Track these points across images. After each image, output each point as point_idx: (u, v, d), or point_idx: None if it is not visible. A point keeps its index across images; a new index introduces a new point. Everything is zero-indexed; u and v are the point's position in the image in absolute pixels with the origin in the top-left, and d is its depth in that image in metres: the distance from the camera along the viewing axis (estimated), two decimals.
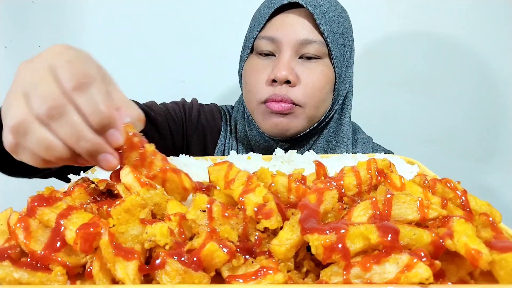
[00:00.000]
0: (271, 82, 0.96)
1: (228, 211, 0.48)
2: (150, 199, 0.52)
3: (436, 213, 0.46)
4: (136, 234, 0.45)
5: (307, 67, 0.97)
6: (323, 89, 0.98)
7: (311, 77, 0.96)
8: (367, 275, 0.39)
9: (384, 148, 1.16)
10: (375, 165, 0.58)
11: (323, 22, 0.94)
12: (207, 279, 0.40)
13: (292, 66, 0.96)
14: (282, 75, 0.93)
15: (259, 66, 1.00)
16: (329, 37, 0.95)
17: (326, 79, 0.98)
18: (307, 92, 0.96)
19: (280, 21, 0.98)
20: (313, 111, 0.99)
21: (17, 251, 0.44)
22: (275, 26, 0.98)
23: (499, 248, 0.40)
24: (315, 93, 0.97)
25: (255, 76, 1.00)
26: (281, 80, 0.94)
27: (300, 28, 0.95)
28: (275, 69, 0.95)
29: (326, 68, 0.98)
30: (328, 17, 0.96)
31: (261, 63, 1.00)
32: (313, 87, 0.97)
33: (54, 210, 0.46)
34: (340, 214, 0.49)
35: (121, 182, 0.56)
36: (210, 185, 0.56)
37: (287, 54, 0.95)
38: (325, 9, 0.96)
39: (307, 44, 0.95)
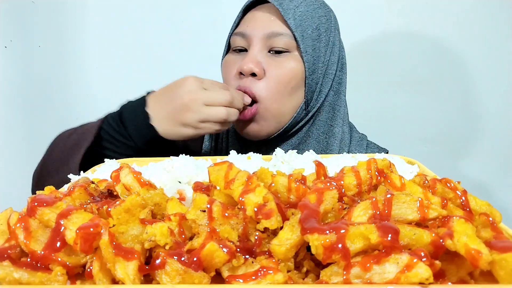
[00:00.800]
0: (239, 74, 1.00)
1: (228, 211, 0.48)
2: (150, 199, 0.52)
3: (436, 213, 0.46)
4: (136, 234, 0.45)
5: (275, 60, 0.99)
6: (288, 83, 0.99)
7: (276, 70, 0.98)
8: (367, 275, 0.39)
9: (378, 145, 1.16)
10: (375, 165, 0.58)
11: (290, 16, 0.97)
12: (207, 279, 0.40)
13: (258, 59, 0.98)
14: (248, 68, 0.97)
15: (231, 61, 1.04)
16: (297, 30, 0.97)
17: (293, 73, 0.99)
18: (271, 86, 0.98)
19: (251, 17, 1.03)
20: (276, 105, 1.00)
21: (17, 251, 0.44)
22: (246, 22, 1.03)
23: (499, 248, 0.40)
24: (279, 87, 0.98)
25: (227, 70, 1.04)
26: (247, 72, 0.97)
27: (268, 22, 0.99)
28: (242, 62, 0.98)
29: (294, 62, 0.99)
30: (299, 11, 0.98)
31: (233, 58, 1.04)
32: (278, 81, 0.98)
33: (54, 210, 0.46)
34: (340, 214, 0.49)
35: (121, 182, 0.56)
36: (210, 185, 0.56)
37: (256, 48, 0.99)
38: (296, 4, 0.99)
39: (274, 37, 0.98)
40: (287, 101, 1.01)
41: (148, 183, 0.56)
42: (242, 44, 1.02)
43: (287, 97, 1.00)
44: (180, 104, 0.88)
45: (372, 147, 1.16)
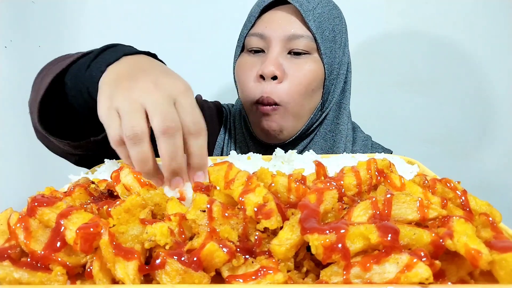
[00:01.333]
0: (259, 78, 0.97)
1: (228, 211, 0.48)
2: (150, 199, 0.52)
3: (436, 213, 0.46)
4: (136, 234, 0.45)
5: (295, 62, 0.98)
6: (309, 85, 0.98)
7: (298, 72, 0.97)
8: (367, 275, 0.39)
9: (383, 146, 1.17)
10: (375, 165, 0.58)
11: (310, 18, 0.95)
12: (207, 279, 0.40)
13: (279, 61, 0.96)
14: (269, 71, 0.94)
15: (248, 63, 1.01)
16: (318, 32, 0.96)
17: (314, 75, 0.98)
18: (292, 88, 0.97)
19: (269, 18, 0.99)
20: (297, 108, 0.99)
21: (17, 251, 0.44)
22: (264, 22, 1.00)
23: (499, 248, 0.40)
24: (301, 89, 0.97)
25: (245, 73, 1.01)
26: (268, 75, 0.95)
27: (288, 23, 0.97)
28: (263, 64, 0.96)
29: (314, 64, 0.98)
30: (317, 13, 0.97)
31: (250, 60, 1.01)
32: (300, 83, 0.97)
33: (54, 210, 0.46)
34: (340, 214, 0.49)
35: (121, 183, 0.56)
36: (210, 185, 0.56)
37: (276, 50, 0.97)
38: (314, 5, 0.97)
39: (295, 39, 0.96)
40: (307, 103, 1.00)
41: (148, 183, 0.56)
42: (260, 45, 0.99)
43: (308, 99, 1.00)
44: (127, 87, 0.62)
45: (376, 147, 1.16)
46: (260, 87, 0.97)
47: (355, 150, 1.12)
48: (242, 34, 1.04)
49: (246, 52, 1.03)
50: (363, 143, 1.14)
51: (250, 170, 0.61)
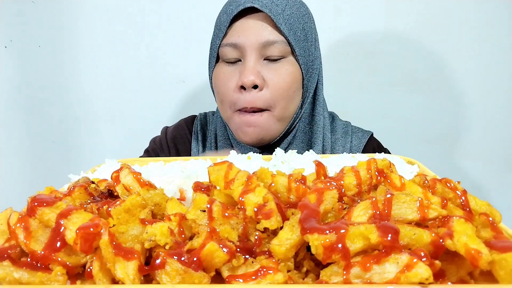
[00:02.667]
0: (240, 88, 0.97)
1: (228, 211, 0.48)
2: (150, 199, 0.52)
3: (436, 213, 0.46)
4: (136, 234, 0.45)
5: (273, 68, 0.98)
6: (290, 88, 0.99)
7: (277, 78, 0.97)
8: (367, 275, 0.39)
9: (362, 129, 1.17)
10: (375, 165, 0.58)
11: (281, 22, 0.95)
12: (207, 279, 0.40)
13: (257, 69, 0.96)
14: (249, 80, 0.94)
15: (226, 74, 1.01)
16: (290, 35, 0.96)
17: (293, 77, 0.99)
18: (274, 94, 0.97)
19: (240, 27, 0.98)
20: (282, 111, 1.00)
21: (17, 251, 0.44)
22: (236, 32, 0.98)
23: (499, 248, 0.40)
24: (283, 93, 0.98)
25: (224, 84, 1.01)
26: (249, 85, 0.95)
27: (261, 30, 0.96)
28: (242, 75, 0.96)
29: (291, 67, 0.98)
30: (286, 15, 0.96)
31: (228, 70, 1.00)
32: (280, 88, 0.97)
33: (54, 210, 0.46)
34: (340, 214, 0.49)
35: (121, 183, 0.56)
36: (210, 185, 0.56)
37: (252, 58, 0.96)
38: (282, 8, 0.96)
39: (269, 46, 0.96)
40: (290, 105, 1.01)
41: (148, 183, 0.56)
42: (235, 55, 0.99)
43: (290, 100, 1.00)
44: None
45: (356, 131, 1.16)
46: (241, 97, 0.97)
47: (336, 138, 1.12)
48: (215, 44, 1.03)
49: (222, 62, 1.03)
50: (343, 130, 1.14)
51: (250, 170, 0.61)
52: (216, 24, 1.05)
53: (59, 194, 0.53)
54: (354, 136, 1.14)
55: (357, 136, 1.14)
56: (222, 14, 1.03)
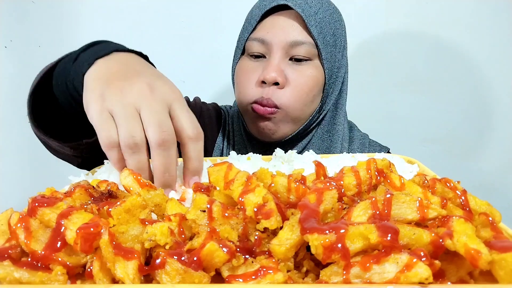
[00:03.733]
0: (261, 83, 0.98)
1: (228, 211, 0.48)
2: (150, 200, 0.52)
3: (435, 213, 0.46)
4: (136, 234, 0.45)
5: (297, 69, 0.98)
6: (310, 91, 0.99)
7: (299, 79, 0.97)
8: (367, 274, 0.39)
9: (380, 144, 1.17)
10: (375, 165, 0.59)
11: (312, 24, 0.95)
12: (207, 278, 0.40)
13: (281, 68, 0.96)
14: (271, 77, 0.94)
15: (249, 68, 1.01)
16: (319, 38, 0.96)
17: (315, 81, 0.99)
18: (294, 94, 0.97)
19: (270, 23, 0.98)
20: (297, 113, 1.00)
21: (18, 251, 0.44)
22: (265, 28, 0.99)
23: (499, 248, 0.40)
24: (302, 95, 0.98)
25: (246, 77, 1.01)
26: (270, 81, 0.95)
27: (290, 29, 0.96)
28: (265, 70, 0.96)
29: (315, 70, 0.99)
30: (319, 18, 0.96)
31: (251, 65, 1.01)
32: (301, 90, 0.97)
33: (54, 210, 0.46)
34: (339, 214, 0.49)
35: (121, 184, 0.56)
36: (210, 185, 0.56)
37: (277, 56, 0.96)
38: (316, 10, 0.96)
39: (296, 46, 0.96)
40: (307, 108, 1.01)
41: (148, 184, 0.56)
42: (261, 51, 0.99)
43: (308, 104, 1.00)
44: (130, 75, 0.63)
45: (374, 145, 1.17)
46: (260, 90, 0.98)
47: (352, 149, 1.12)
48: (243, 37, 1.04)
49: (247, 56, 1.03)
50: (360, 142, 1.14)
51: (250, 170, 0.62)
52: (247, 18, 1.06)
53: (60, 194, 0.53)
54: (371, 149, 1.14)
55: (374, 149, 1.14)
56: (254, 8, 1.03)
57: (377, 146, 1.16)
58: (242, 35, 1.05)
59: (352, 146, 1.13)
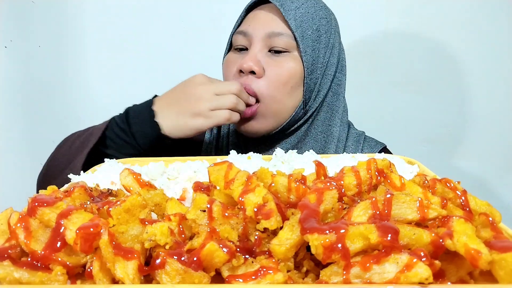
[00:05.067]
0: (238, 72, 1.01)
1: (228, 211, 0.48)
2: (150, 199, 0.52)
3: (436, 213, 0.46)
4: (136, 234, 0.45)
5: (275, 60, 1.00)
6: (287, 82, 1.00)
7: (276, 69, 0.99)
8: (367, 275, 0.39)
9: (376, 140, 1.17)
10: (375, 165, 0.58)
11: (291, 17, 0.98)
12: (207, 279, 0.40)
13: (258, 58, 1.00)
14: (248, 66, 0.98)
15: (232, 60, 1.05)
16: (297, 30, 0.99)
17: (292, 72, 1.00)
18: (270, 85, 0.99)
19: (252, 17, 1.04)
20: (277, 105, 1.01)
21: (18, 251, 0.44)
22: (248, 21, 1.04)
23: (499, 248, 0.40)
24: (279, 86, 1.00)
25: (228, 69, 1.06)
26: (246, 70, 0.99)
27: (269, 21, 1.00)
28: (242, 60, 1.00)
29: (293, 62, 1.01)
30: (300, 12, 0.99)
31: (234, 57, 1.05)
32: (277, 80, 0.99)
33: (54, 210, 0.46)
34: (340, 214, 0.49)
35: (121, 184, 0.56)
36: (210, 185, 0.56)
37: (256, 47, 1.00)
38: (298, 6, 1.00)
39: (275, 37, 0.99)
40: (286, 100, 1.02)
41: (148, 184, 0.56)
42: (244, 43, 1.03)
43: (287, 96, 1.02)
44: (191, 95, 0.92)
45: (369, 141, 1.16)
46: (239, 80, 1.00)
47: (346, 145, 1.12)
48: (231, 33, 1.09)
49: (233, 50, 1.08)
50: (355, 139, 1.15)
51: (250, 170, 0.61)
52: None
53: (60, 194, 0.53)
54: (365, 144, 1.15)
55: (369, 145, 1.15)
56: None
57: (372, 142, 1.16)
58: (232, 31, 1.09)
59: (347, 143, 1.13)
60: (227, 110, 0.93)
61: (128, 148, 0.94)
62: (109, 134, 0.95)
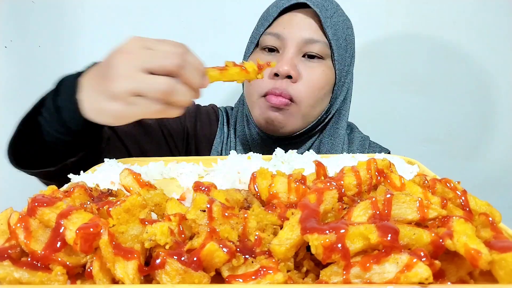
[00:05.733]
0: (273, 76, 0.99)
1: (228, 211, 0.48)
2: (150, 199, 0.52)
3: (435, 213, 0.46)
4: (136, 234, 0.45)
5: (309, 65, 1.00)
6: (322, 88, 1.01)
7: (312, 75, 0.99)
8: (367, 275, 0.39)
9: (381, 146, 1.17)
10: (375, 165, 0.58)
11: (328, 25, 0.98)
12: (207, 279, 0.40)
13: (295, 62, 0.98)
14: (285, 70, 0.96)
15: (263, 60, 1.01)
16: (333, 39, 0.99)
17: (326, 79, 1.01)
18: (306, 89, 0.99)
19: (287, 20, 1.01)
20: (308, 109, 1.01)
21: (18, 251, 0.44)
22: (282, 24, 1.01)
23: (499, 248, 0.40)
24: (314, 91, 0.99)
25: None
26: (283, 74, 0.97)
27: (306, 27, 0.99)
28: (278, 63, 0.97)
29: (327, 69, 1.01)
30: (334, 21, 0.99)
31: (265, 58, 1.03)
32: (313, 86, 0.99)
33: (54, 210, 0.46)
34: (340, 214, 0.49)
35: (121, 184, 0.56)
36: (210, 185, 0.56)
37: (291, 51, 0.98)
38: (331, 13, 0.99)
39: (311, 43, 0.98)
40: (317, 105, 1.03)
41: (148, 184, 0.56)
42: (276, 45, 1.01)
43: (319, 101, 1.02)
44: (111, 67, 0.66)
45: (374, 146, 1.17)
46: (273, 82, 0.99)
47: (352, 150, 1.13)
48: (257, 32, 1.06)
49: (260, 50, 1.05)
50: (360, 143, 1.15)
51: (250, 170, 0.62)
52: (263, 15, 1.08)
53: (59, 194, 0.53)
54: (370, 150, 1.15)
55: (374, 150, 1.15)
56: (272, 6, 1.06)
57: (377, 148, 1.17)
58: (257, 30, 1.06)
59: (352, 148, 1.14)
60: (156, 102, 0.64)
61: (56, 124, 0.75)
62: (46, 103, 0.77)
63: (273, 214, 0.48)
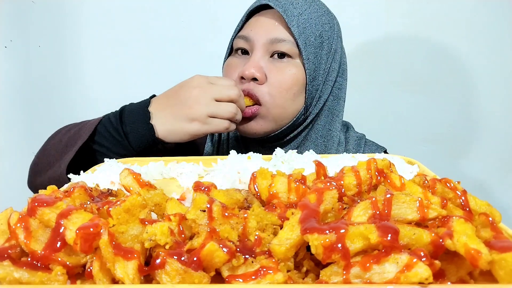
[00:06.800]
0: (240, 79, 1.00)
1: (228, 211, 0.48)
2: (150, 199, 0.52)
3: (435, 213, 0.46)
4: (136, 234, 0.45)
5: (278, 66, 1.00)
6: (290, 89, 1.00)
7: (278, 76, 0.99)
8: (367, 274, 0.39)
9: (376, 144, 1.16)
10: (375, 165, 0.58)
11: (294, 23, 0.97)
12: (207, 278, 0.40)
13: (261, 64, 0.99)
14: (250, 72, 0.97)
15: (233, 64, 1.04)
16: (300, 37, 0.98)
17: (294, 79, 1.00)
18: (272, 90, 0.99)
19: (254, 22, 1.03)
20: (278, 110, 1.01)
21: (18, 251, 0.44)
22: (250, 26, 1.03)
23: (499, 248, 0.40)
24: (281, 92, 0.99)
25: (229, 73, 1.04)
26: (248, 77, 0.98)
27: (271, 27, 1.00)
28: (244, 66, 0.99)
29: (295, 68, 1.00)
30: (303, 18, 0.98)
31: (235, 61, 1.04)
32: (280, 86, 0.99)
33: (54, 210, 0.46)
34: (340, 214, 0.49)
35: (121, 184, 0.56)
36: (210, 185, 0.56)
37: (258, 53, 0.99)
38: (300, 12, 0.99)
39: (277, 43, 0.99)
40: (288, 106, 1.02)
41: (148, 184, 0.56)
42: (245, 47, 1.02)
43: (289, 102, 1.01)
44: (187, 98, 0.89)
45: (370, 145, 1.16)
46: (240, 86, 0.99)
47: (347, 149, 1.13)
48: (232, 37, 1.08)
49: (233, 54, 1.07)
50: (356, 142, 1.15)
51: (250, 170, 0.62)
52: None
53: (59, 194, 0.53)
54: (366, 148, 1.15)
55: (370, 148, 1.15)
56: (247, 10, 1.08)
57: (373, 146, 1.16)
58: (232, 35, 1.08)
59: (348, 147, 1.13)
60: (225, 120, 0.91)
61: (118, 147, 0.92)
62: (100, 130, 0.92)
63: (273, 214, 0.48)
